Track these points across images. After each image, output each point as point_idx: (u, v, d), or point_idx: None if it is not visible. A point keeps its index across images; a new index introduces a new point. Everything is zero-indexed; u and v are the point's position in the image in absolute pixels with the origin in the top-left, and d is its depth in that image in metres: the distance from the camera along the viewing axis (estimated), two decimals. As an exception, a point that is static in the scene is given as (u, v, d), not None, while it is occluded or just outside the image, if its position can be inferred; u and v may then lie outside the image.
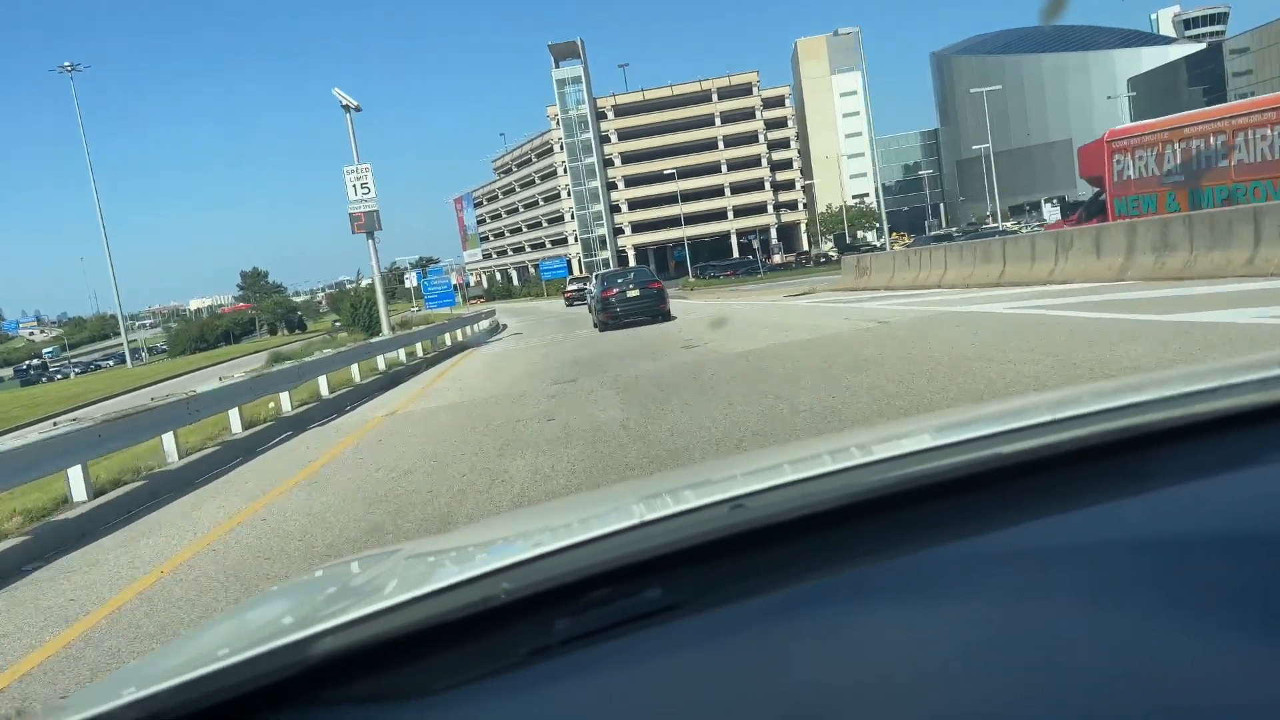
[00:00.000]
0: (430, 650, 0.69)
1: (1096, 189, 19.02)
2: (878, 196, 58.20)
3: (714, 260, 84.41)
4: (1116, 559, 0.70)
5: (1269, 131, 14.16)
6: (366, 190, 20.66)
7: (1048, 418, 0.84)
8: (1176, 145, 16.21)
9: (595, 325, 22.07)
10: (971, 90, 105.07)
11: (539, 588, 0.70)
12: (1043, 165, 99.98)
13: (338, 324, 57.46)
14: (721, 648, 0.67)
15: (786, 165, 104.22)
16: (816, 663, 0.65)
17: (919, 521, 0.77)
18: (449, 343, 25.37)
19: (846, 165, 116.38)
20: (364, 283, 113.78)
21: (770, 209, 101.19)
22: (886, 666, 0.64)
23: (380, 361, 18.26)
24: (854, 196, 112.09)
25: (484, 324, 33.46)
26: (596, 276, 25.60)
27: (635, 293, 21.18)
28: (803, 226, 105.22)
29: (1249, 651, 0.58)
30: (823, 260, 78.84)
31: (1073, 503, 0.76)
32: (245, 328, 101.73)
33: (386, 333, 22.40)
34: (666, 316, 21.38)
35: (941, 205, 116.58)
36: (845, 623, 0.68)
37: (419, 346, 21.66)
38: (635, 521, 0.74)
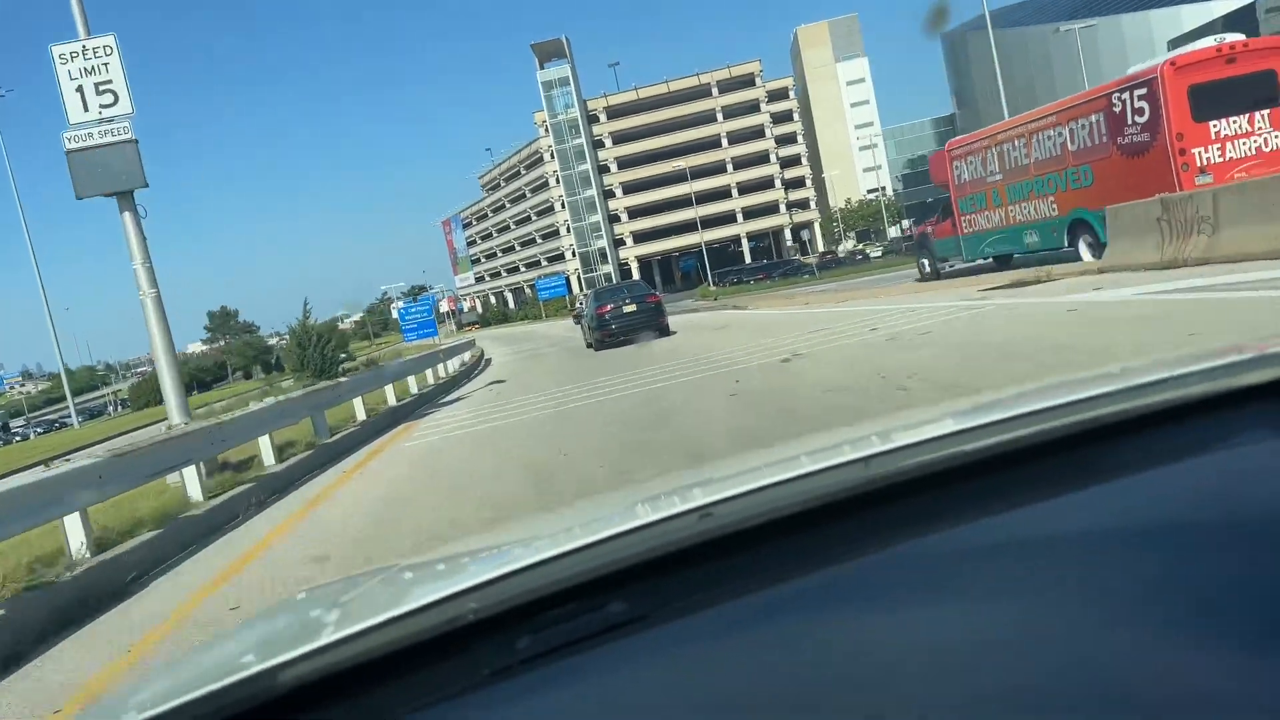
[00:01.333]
0: (395, 674, 0.68)
1: (946, 193, 21.24)
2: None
3: (729, 267, 76.22)
4: (1076, 551, 0.71)
5: (1052, 131, 16.80)
6: (109, 97, 9.35)
7: (1004, 414, 0.86)
8: (994, 149, 18.76)
9: (589, 344, 21.00)
10: (993, 65, 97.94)
11: (501, 608, 0.70)
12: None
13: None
14: (686, 658, 0.67)
15: (795, 161, 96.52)
16: (784, 668, 0.65)
17: (882, 522, 0.77)
18: (393, 399, 16.38)
19: (858, 158, 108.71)
20: (342, 318, 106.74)
21: (783, 208, 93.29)
22: (855, 668, 0.64)
23: (191, 481, 8.59)
24: (869, 191, 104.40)
25: (452, 364, 24.47)
26: (590, 292, 24.28)
27: (632, 308, 20.08)
28: (816, 226, 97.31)
29: (1201, 638, 0.59)
30: (859, 258, 70.73)
31: (1032, 497, 0.77)
32: (216, 373, 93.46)
33: (176, 417, 10.64)
34: (665, 331, 20.33)
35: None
36: (813, 626, 0.69)
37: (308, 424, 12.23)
38: (605, 534, 0.74)
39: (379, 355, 44.52)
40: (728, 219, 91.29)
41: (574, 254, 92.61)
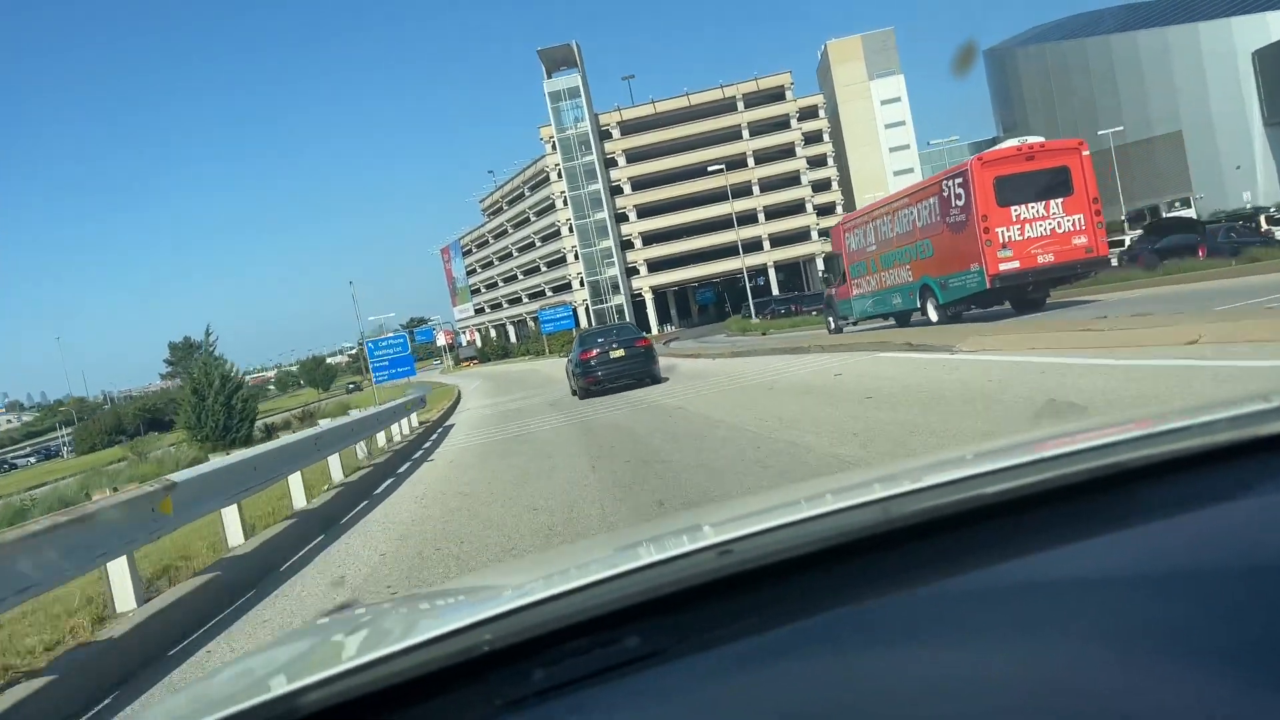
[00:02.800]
0: (409, 703, 0.69)
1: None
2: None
3: (763, 298, 66.82)
4: (1096, 594, 0.71)
5: (907, 210, 19.70)
6: None
7: (1030, 458, 0.86)
8: (871, 224, 21.83)
9: (573, 391, 19.21)
10: (1045, 82, 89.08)
11: (516, 639, 0.70)
12: (1143, 165, 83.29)
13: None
14: (702, 694, 0.67)
15: (824, 186, 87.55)
16: (800, 707, 0.65)
17: (903, 562, 0.77)
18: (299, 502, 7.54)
19: (893, 182, 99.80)
20: (343, 350, 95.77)
21: (815, 235, 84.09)
22: (872, 708, 0.64)
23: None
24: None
25: (398, 428, 14.05)
26: (576, 334, 21.96)
27: (620, 353, 18.20)
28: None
29: (1225, 683, 0.58)
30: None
31: (1054, 540, 0.78)
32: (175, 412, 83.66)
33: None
34: (655, 379, 18.58)
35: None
36: (830, 666, 0.69)
37: None
38: (624, 569, 0.75)
39: (319, 408, 34.99)
40: (753, 246, 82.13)
41: (582, 283, 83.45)
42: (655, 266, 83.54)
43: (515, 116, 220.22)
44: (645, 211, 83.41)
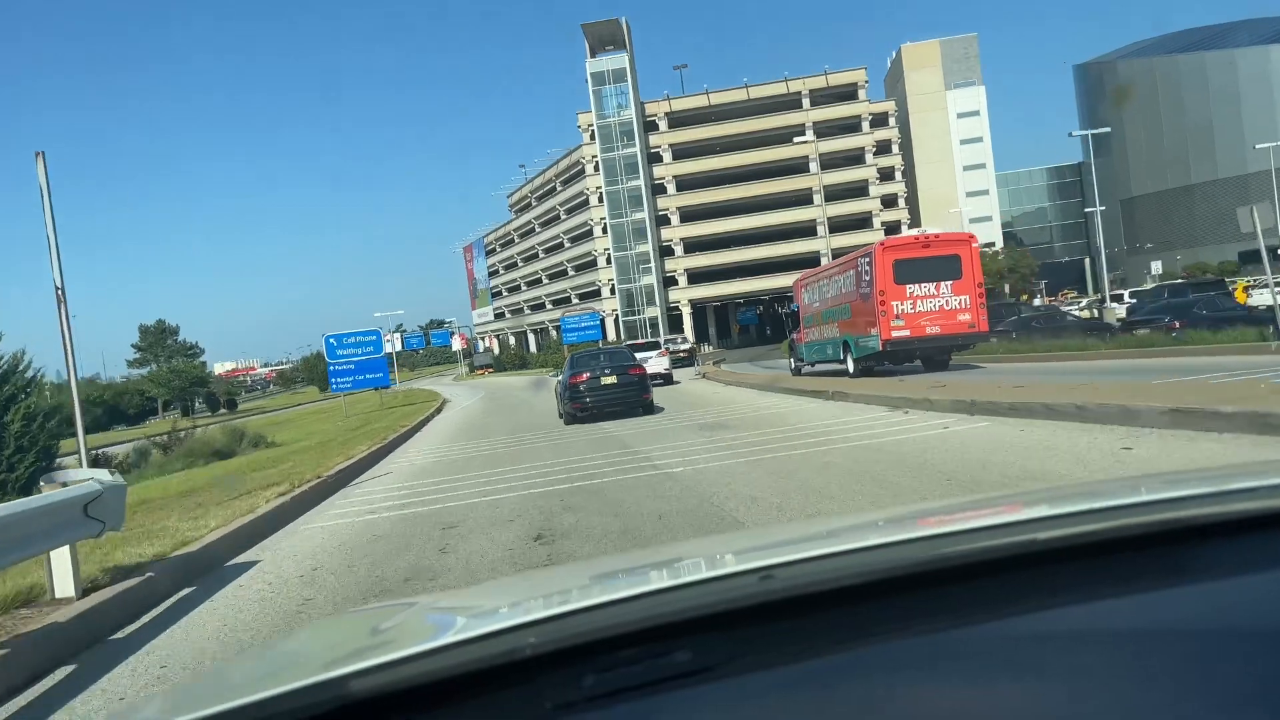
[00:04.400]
0: (452, 701, 0.69)
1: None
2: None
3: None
4: (1149, 648, 0.70)
5: (838, 277, 22.17)
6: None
7: (1083, 507, 0.86)
8: (816, 284, 24.35)
9: (561, 416, 18.03)
10: (1153, 102, 78.79)
11: (569, 642, 0.70)
12: (1257, 198, 73.18)
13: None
14: (747, 713, 0.67)
15: (892, 202, 77.72)
16: None
17: (951, 601, 0.77)
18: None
19: (965, 205, 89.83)
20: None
21: (881, 254, 74.13)
22: None
23: None
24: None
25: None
26: (568, 358, 21.33)
27: (611, 379, 17.17)
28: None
29: None
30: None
31: (1106, 592, 0.77)
32: (148, 403, 74.59)
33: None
34: (649, 409, 17.63)
35: (1088, 259, 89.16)
36: (873, 695, 0.68)
37: None
38: (668, 584, 0.76)
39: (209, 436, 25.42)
40: (808, 262, 72.39)
41: (613, 290, 73.97)
42: (696, 278, 73.96)
43: (552, 107, 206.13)
44: (690, 215, 73.96)
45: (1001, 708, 0.65)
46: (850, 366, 21.07)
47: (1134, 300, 36.20)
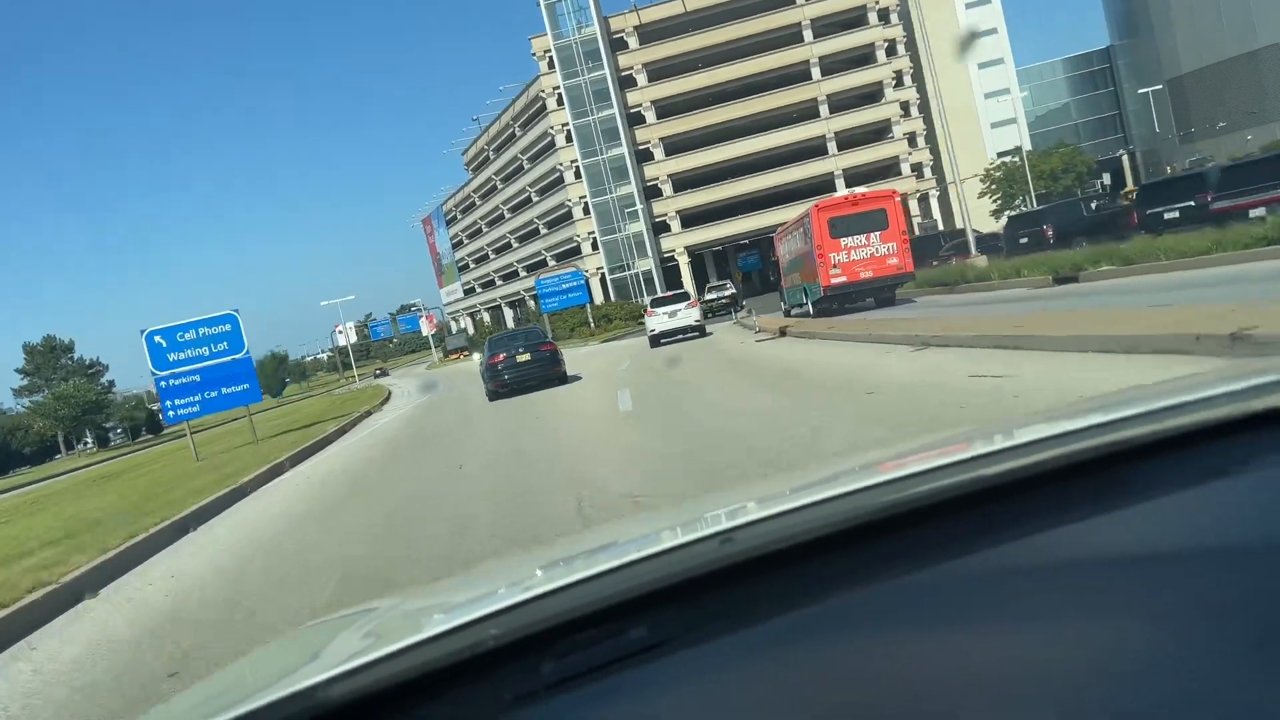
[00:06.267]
0: (417, 700, 0.68)
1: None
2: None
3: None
4: (1102, 573, 0.71)
5: (795, 233, 24.90)
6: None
7: (1029, 438, 0.86)
8: (785, 238, 27.08)
9: (487, 395, 18.77)
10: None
11: (523, 633, 0.70)
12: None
13: None
14: (709, 682, 0.67)
15: (904, 111, 66.38)
16: (807, 693, 0.65)
17: (904, 547, 0.77)
18: None
19: (984, 109, 78.67)
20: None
21: (907, 169, 63.03)
22: (878, 691, 0.64)
23: None
24: (999, 155, 74.49)
25: None
26: (486, 341, 22.35)
27: (526, 356, 18.41)
28: (933, 198, 67.14)
29: (1232, 662, 0.58)
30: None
31: (1057, 521, 0.77)
32: (37, 438, 61.44)
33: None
34: (562, 380, 18.62)
35: (1125, 155, 78.21)
36: (835, 651, 0.69)
37: None
38: (621, 562, 0.75)
39: None
40: (824, 186, 61.16)
41: (596, 245, 62.63)
42: (691, 220, 62.67)
43: (501, 45, 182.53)
44: (676, 146, 62.51)
45: (952, 650, 0.65)
46: (810, 309, 23.17)
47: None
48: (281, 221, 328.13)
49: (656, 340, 25.37)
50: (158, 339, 18.26)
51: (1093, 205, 24.84)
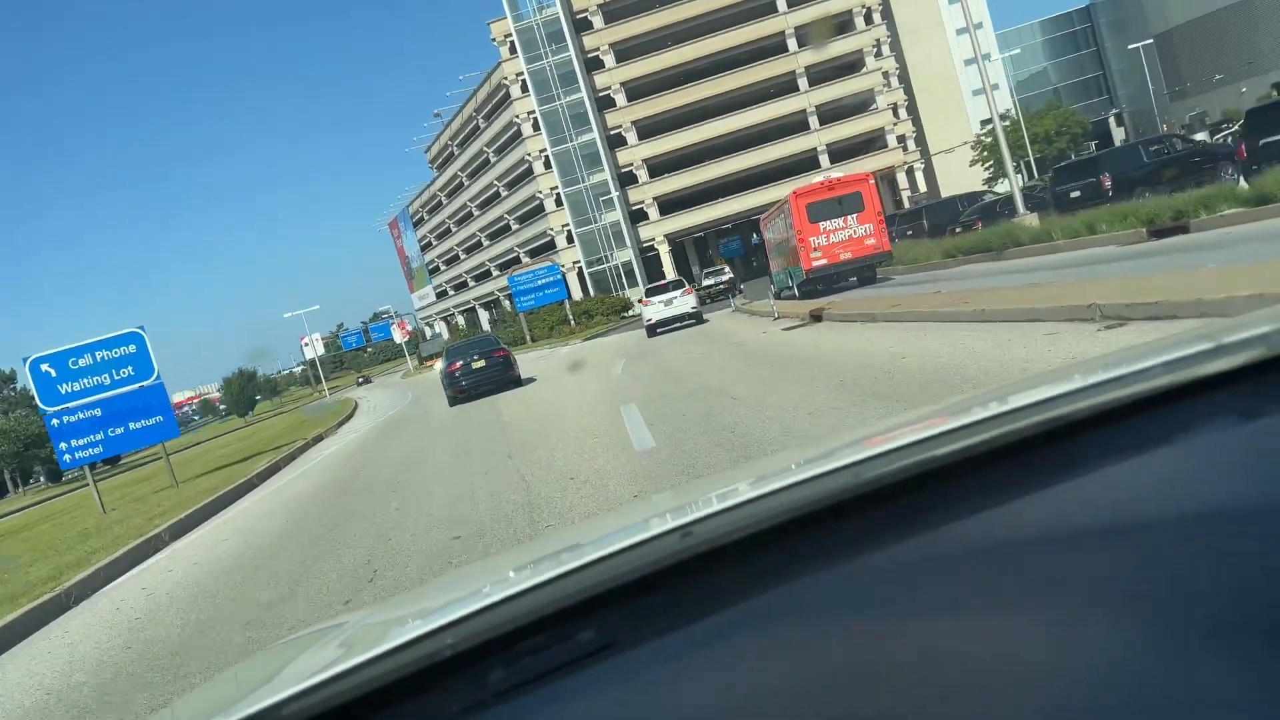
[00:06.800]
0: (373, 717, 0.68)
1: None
2: None
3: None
4: (1038, 551, 0.72)
5: (778, 218, 25.42)
6: None
7: (977, 416, 0.86)
8: (770, 224, 27.42)
9: (448, 400, 20.20)
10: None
11: (467, 644, 0.69)
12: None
13: None
14: (657, 681, 0.67)
15: (887, 82, 63.28)
16: (753, 683, 0.65)
17: (846, 535, 0.77)
18: None
19: (964, 76, 75.91)
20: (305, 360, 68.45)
21: (893, 139, 60.07)
22: (821, 679, 0.64)
23: None
24: (983, 123, 71.74)
25: None
26: (444, 350, 25.57)
27: (481, 363, 19.75)
28: (918, 171, 64.25)
29: (1166, 633, 0.58)
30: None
31: (1002, 499, 0.77)
32: None
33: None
34: (517, 382, 20.00)
35: (1111, 117, 75.58)
36: (779, 641, 0.69)
37: None
38: (571, 566, 0.74)
39: None
40: (807, 164, 58.11)
41: (571, 238, 59.25)
42: (670, 207, 59.43)
43: (461, 37, 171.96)
44: (649, 130, 59.24)
45: (911, 635, 0.65)
46: (796, 291, 23.61)
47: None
48: (247, 235, 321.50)
49: (653, 330, 25.08)
50: (45, 368, 14.77)
51: (1151, 149, 21.66)
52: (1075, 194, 21.03)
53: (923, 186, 64.05)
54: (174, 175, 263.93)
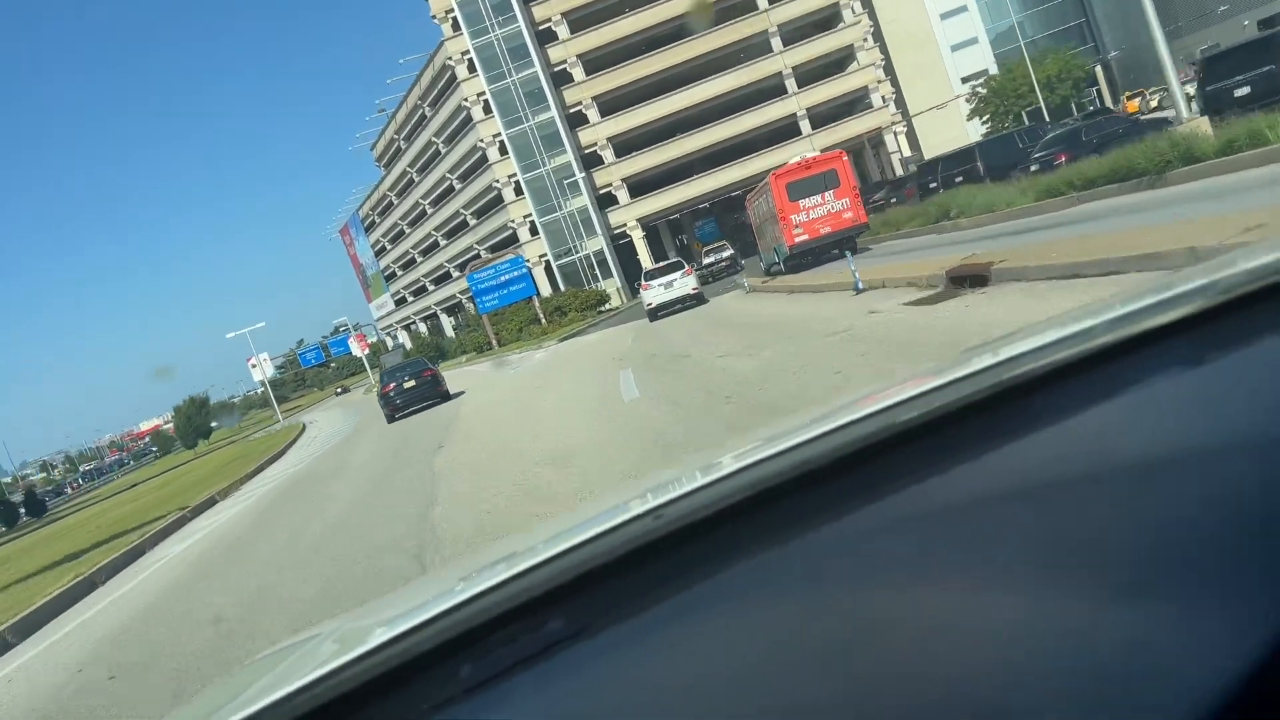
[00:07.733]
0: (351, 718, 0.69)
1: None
2: None
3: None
4: (990, 510, 0.73)
5: (762, 198, 26.49)
6: None
7: (935, 384, 0.88)
8: (755, 204, 28.53)
9: (385, 418, 22.30)
10: None
11: (433, 643, 0.70)
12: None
13: None
14: (626, 664, 0.68)
15: (867, 38, 58.43)
16: (717, 661, 0.66)
17: (812, 504, 0.78)
18: None
19: (939, 26, 71.45)
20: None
21: (879, 99, 55.23)
22: (793, 648, 0.64)
23: None
24: (964, 81, 67.48)
25: None
26: (381, 374, 28.38)
27: (412, 383, 21.99)
28: (900, 134, 59.49)
29: (1116, 585, 0.58)
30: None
31: (957, 461, 0.79)
32: None
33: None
34: (446, 397, 22.19)
35: (1099, 66, 71.26)
36: (743, 617, 0.69)
37: None
38: (537, 560, 0.74)
39: None
40: (787, 132, 53.13)
41: (535, 230, 53.83)
42: (640, 188, 54.24)
43: (399, 19, 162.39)
44: (612, 105, 53.96)
45: (869, 600, 0.66)
46: (783, 266, 24.86)
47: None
48: (191, 256, 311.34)
49: (655, 314, 25.05)
50: None
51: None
52: (1242, 90, 15.51)
53: (906, 149, 59.41)
54: (126, 202, 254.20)
